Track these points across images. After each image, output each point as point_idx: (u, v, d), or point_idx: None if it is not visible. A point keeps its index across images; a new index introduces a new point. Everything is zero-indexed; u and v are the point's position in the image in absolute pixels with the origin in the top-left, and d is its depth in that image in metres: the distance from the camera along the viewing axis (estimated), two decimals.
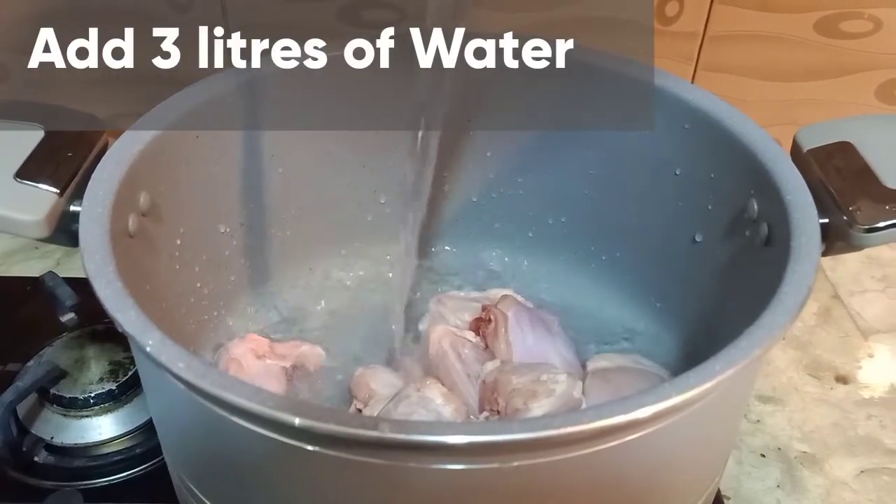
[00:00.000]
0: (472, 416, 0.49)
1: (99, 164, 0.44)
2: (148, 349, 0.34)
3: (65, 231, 0.43)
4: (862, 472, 0.61)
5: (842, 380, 0.68)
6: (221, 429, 0.35)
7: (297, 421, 0.31)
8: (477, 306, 0.57)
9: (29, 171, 0.43)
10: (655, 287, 0.56)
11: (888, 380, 0.68)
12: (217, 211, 0.52)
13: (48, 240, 0.43)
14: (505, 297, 0.57)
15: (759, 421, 0.65)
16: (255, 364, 0.53)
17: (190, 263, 0.51)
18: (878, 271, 0.78)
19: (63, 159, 0.44)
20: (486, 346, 0.55)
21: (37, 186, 0.42)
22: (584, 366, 0.54)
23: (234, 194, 0.53)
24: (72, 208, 0.43)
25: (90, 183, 0.42)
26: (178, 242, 0.49)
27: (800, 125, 0.49)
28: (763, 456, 0.62)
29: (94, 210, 0.41)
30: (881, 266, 0.79)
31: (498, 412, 0.48)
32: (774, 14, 0.69)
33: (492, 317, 0.55)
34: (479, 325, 0.55)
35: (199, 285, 0.52)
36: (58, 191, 0.43)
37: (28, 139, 0.45)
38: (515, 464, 0.33)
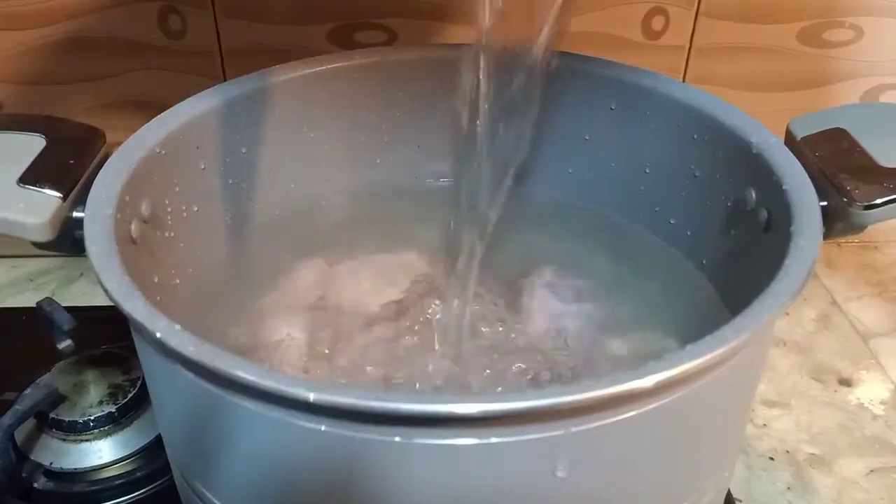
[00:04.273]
0: None
1: (101, 171, 0.44)
2: (158, 335, 0.34)
3: (68, 237, 0.43)
4: (872, 471, 0.61)
5: (845, 382, 0.68)
6: (233, 417, 0.35)
7: (311, 396, 0.31)
8: None
9: (32, 176, 0.43)
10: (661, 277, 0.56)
11: (892, 381, 0.68)
12: (219, 219, 0.52)
13: (52, 246, 0.43)
14: None
15: (765, 425, 0.64)
16: None
17: (193, 270, 0.51)
18: (872, 276, 0.79)
19: (65, 167, 0.44)
20: None
21: (40, 191, 0.42)
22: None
23: (235, 203, 0.53)
24: (75, 214, 0.43)
25: (93, 188, 0.42)
26: (181, 245, 0.49)
27: None
28: (772, 459, 0.62)
29: (98, 212, 0.41)
30: (876, 271, 0.79)
31: None
32: (757, 25, 0.71)
33: None
34: None
35: (202, 292, 0.52)
36: (61, 195, 0.43)
37: (30, 147, 0.45)
38: (531, 436, 0.32)
